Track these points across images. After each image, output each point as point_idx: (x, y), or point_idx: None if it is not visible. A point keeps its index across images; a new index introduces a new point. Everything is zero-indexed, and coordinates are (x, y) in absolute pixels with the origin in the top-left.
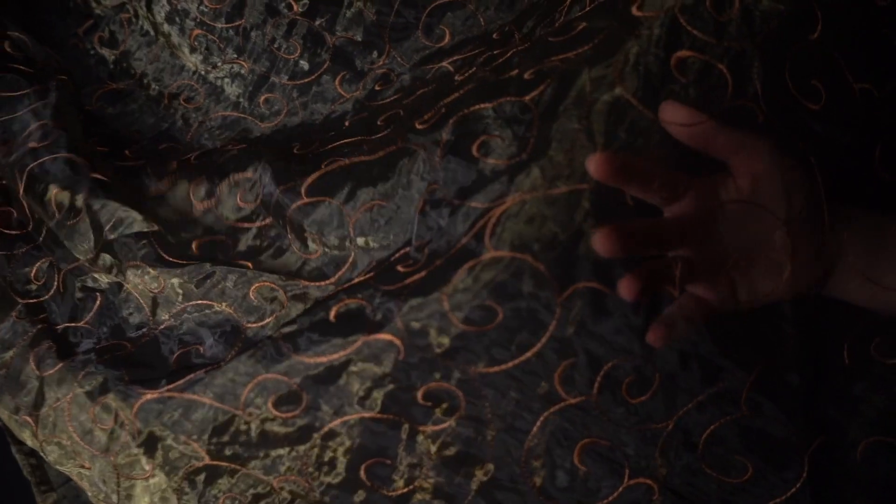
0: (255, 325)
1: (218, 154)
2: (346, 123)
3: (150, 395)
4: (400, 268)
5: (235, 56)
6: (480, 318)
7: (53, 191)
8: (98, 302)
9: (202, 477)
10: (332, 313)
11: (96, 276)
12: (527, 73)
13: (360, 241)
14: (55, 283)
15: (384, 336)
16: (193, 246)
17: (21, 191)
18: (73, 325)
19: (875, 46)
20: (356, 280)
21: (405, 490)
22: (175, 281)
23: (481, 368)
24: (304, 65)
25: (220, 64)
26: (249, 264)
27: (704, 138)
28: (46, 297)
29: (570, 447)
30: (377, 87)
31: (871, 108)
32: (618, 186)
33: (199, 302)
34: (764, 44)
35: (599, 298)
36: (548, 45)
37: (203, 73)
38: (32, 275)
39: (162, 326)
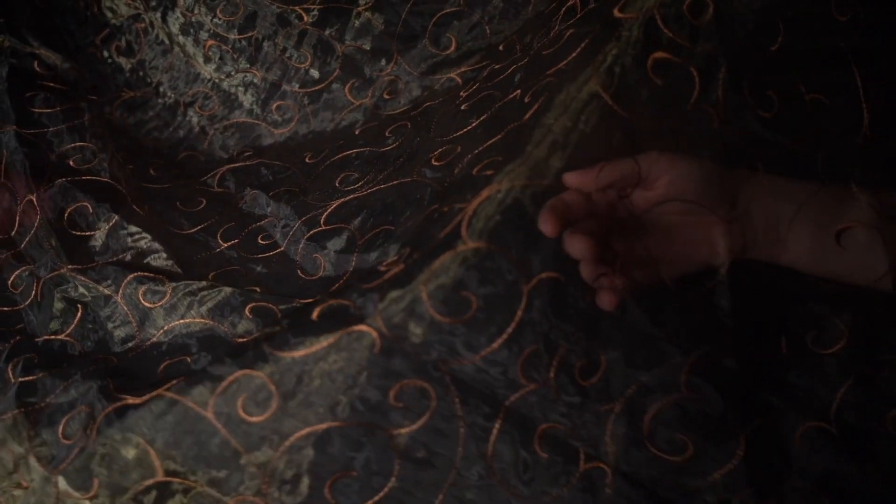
0: (245, 339)
1: (239, 193)
2: (357, 132)
3: (130, 400)
4: (381, 267)
5: (248, 66)
6: (456, 309)
7: (90, 209)
8: (79, 314)
9: (152, 496)
10: (316, 313)
11: (80, 286)
12: (526, 95)
13: (362, 257)
14: (33, 292)
15: (361, 328)
16: (210, 276)
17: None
18: (53, 337)
19: (830, 59)
20: (340, 283)
21: (372, 501)
22: (177, 294)
23: (454, 363)
24: (315, 73)
25: (233, 73)
26: (258, 288)
27: (606, 185)
28: (24, 305)
29: (531, 434)
30: (386, 96)
31: (821, 117)
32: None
33: (194, 320)
34: (731, 50)
35: (559, 288)
36: (542, 59)
37: (217, 81)
38: (10, 283)
39: (149, 342)
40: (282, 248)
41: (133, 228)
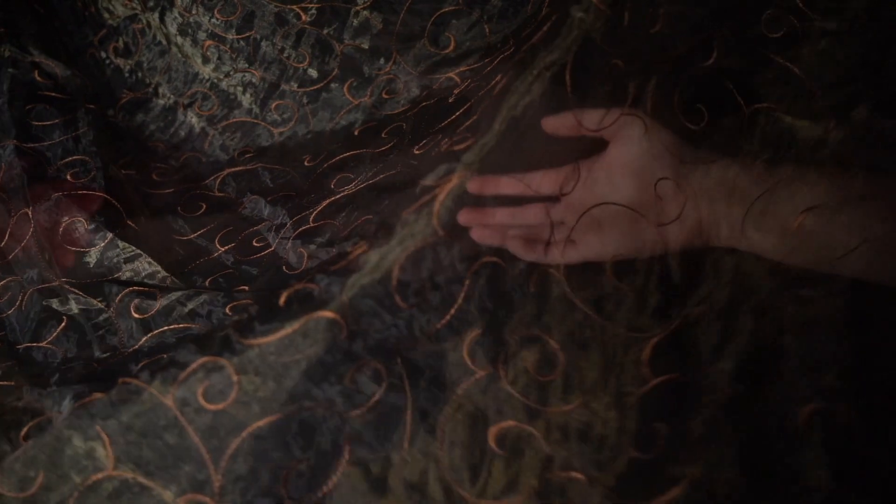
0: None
1: (239, 197)
2: (356, 132)
3: (97, 396)
4: (349, 247)
5: (247, 66)
6: (416, 295)
7: (83, 225)
8: (63, 324)
9: (98, 493)
10: (282, 299)
11: (71, 299)
12: (505, 76)
13: (342, 246)
14: (18, 302)
15: (326, 313)
16: (207, 282)
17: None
18: (35, 345)
19: (762, 69)
20: (306, 266)
21: (325, 492)
22: (164, 302)
23: (408, 345)
24: (314, 73)
25: (232, 73)
26: (246, 288)
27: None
28: (7, 313)
29: (485, 430)
30: (384, 95)
31: (758, 128)
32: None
33: (178, 326)
34: (663, 65)
35: (498, 272)
36: (521, 39)
37: (216, 81)
38: None
39: (131, 350)
40: (272, 248)
41: (127, 247)
